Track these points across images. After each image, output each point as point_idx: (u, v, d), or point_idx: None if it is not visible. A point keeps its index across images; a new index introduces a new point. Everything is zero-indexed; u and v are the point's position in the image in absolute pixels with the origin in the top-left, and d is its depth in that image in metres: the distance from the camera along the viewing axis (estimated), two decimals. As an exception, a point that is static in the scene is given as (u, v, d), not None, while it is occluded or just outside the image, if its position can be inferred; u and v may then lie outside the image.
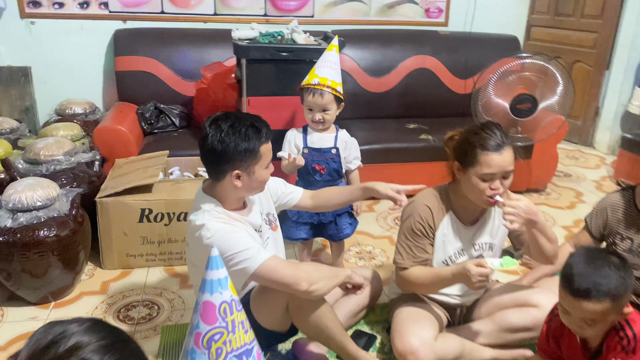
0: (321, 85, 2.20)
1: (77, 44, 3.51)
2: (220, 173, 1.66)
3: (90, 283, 2.46)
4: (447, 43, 3.85)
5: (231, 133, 1.61)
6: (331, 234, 2.43)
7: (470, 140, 1.74)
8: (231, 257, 1.60)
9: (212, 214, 1.66)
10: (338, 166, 2.37)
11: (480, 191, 1.74)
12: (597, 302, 1.37)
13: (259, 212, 1.85)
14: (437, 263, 1.92)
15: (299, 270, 1.61)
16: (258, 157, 1.67)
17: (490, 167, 1.70)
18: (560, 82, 2.87)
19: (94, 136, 2.94)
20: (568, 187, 3.79)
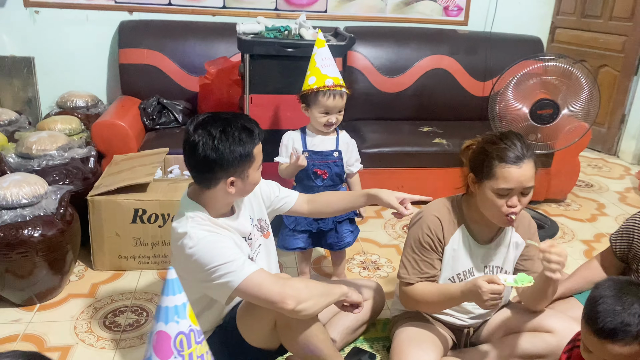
0: (339, 85, 2.07)
1: (82, 34, 3.41)
2: (213, 181, 1.54)
3: (79, 285, 2.35)
4: (466, 43, 3.67)
5: (225, 139, 1.49)
6: (331, 243, 2.28)
7: (486, 150, 1.59)
8: (214, 269, 1.47)
9: (196, 221, 1.54)
10: (340, 170, 2.22)
11: (496, 208, 1.59)
12: (624, 345, 1.22)
13: (248, 218, 1.72)
14: (443, 280, 1.77)
15: (286, 286, 1.47)
16: (252, 160, 1.55)
17: (507, 181, 1.55)
18: (584, 88, 2.68)
19: (92, 131, 2.83)
20: (589, 198, 3.59)
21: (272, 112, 2.54)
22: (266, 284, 1.46)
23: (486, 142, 1.62)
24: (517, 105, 2.74)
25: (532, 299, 1.75)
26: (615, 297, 1.24)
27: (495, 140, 1.59)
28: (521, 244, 1.77)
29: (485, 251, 1.75)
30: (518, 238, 1.77)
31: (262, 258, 1.76)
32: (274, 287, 1.46)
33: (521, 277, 1.57)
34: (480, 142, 1.65)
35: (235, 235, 1.62)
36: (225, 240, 1.53)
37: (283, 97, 2.51)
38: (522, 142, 1.58)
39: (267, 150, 2.49)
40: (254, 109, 2.51)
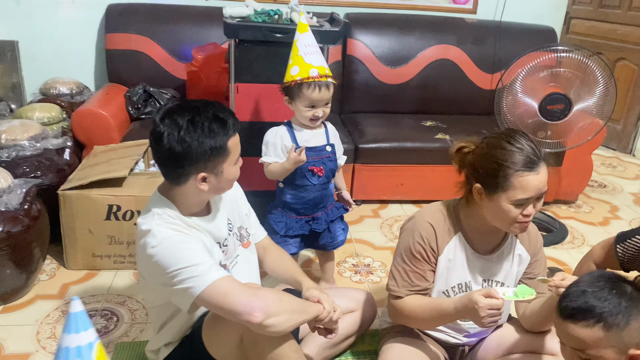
0: (324, 76, 1.87)
1: (68, 18, 3.24)
2: (182, 177, 1.38)
3: (48, 284, 2.20)
4: (474, 32, 3.45)
5: (192, 129, 1.32)
6: (325, 244, 2.12)
7: (497, 158, 1.38)
8: (176, 272, 1.31)
9: (163, 219, 1.38)
10: (334, 165, 2.05)
11: (512, 218, 1.41)
12: (584, 327, 1.14)
13: (225, 222, 1.55)
14: (436, 293, 1.59)
15: (255, 297, 1.29)
16: (226, 154, 1.38)
17: (526, 191, 1.36)
18: (600, 82, 2.46)
19: (72, 120, 2.67)
20: (602, 199, 3.38)
21: (259, 102, 2.36)
22: (232, 293, 1.29)
23: (492, 147, 1.41)
24: (526, 99, 2.53)
25: (537, 323, 1.56)
26: (590, 282, 1.19)
27: (502, 144, 1.39)
28: (525, 258, 1.58)
29: (484, 263, 1.56)
30: (522, 251, 1.58)
31: (241, 270, 1.60)
32: (241, 296, 1.29)
33: (522, 289, 1.41)
34: (483, 147, 1.43)
35: (206, 238, 1.45)
36: (192, 241, 1.37)
37: (272, 87, 2.31)
38: (531, 140, 1.40)
39: (255, 144, 2.37)
40: (240, 99, 2.33)
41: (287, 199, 2.03)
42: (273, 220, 2.03)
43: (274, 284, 2.21)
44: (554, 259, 2.62)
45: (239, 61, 2.28)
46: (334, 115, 3.32)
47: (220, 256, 1.50)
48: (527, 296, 1.42)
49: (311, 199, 2.02)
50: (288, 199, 2.02)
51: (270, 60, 2.29)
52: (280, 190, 2.05)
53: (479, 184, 1.42)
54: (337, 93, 3.35)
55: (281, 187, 2.04)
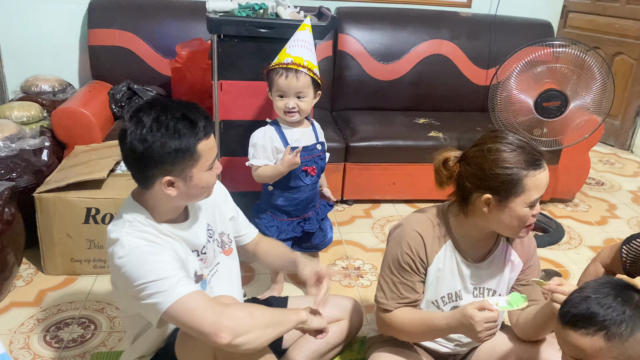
0: (296, 64, 1.78)
1: (50, 13, 3.14)
2: (148, 179, 1.29)
3: (25, 291, 2.11)
4: (469, 27, 3.36)
5: (155, 129, 1.23)
6: (317, 243, 2.08)
7: (503, 164, 1.29)
8: (143, 286, 1.23)
9: (134, 226, 1.29)
10: (324, 163, 2.00)
11: (525, 222, 1.35)
12: (585, 335, 1.07)
13: (204, 229, 1.46)
14: (425, 303, 1.50)
15: (223, 315, 1.21)
16: (195, 158, 1.28)
17: (539, 189, 1.31)
18: (597, 78, 2.38)
19: (52, 119, 2.58)
20: (600, 197, 3.30)
21: (244, 100, 2.26)
22: (199, 311, 1.21)
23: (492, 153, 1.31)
24: (521, 96, 2.45)
25: (530, 331, 1.48)
26: (595, 287, 1.11)
27: (501, 148, 1.30)
28: (518, 265, 1.50)
29: (475, 271, 1.48)
30: (515, 257, 1.49)
31: (222, 278, 1.52)
32: (207, 315, 1.20)
33: (514, 297, 1.33)
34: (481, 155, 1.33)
35: (181, 247, 1.37)
36: (162, 252, 1.28)
37: (257, 84, 2.23)
38: (525, 139, 1.34)
39: (240, 143, 2.29)
40: (224, 97, 2.24)
41: (278, 202, 1.95)
42: (264, 226, 1.96)
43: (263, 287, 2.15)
44: (551, 261, 2.55)
45: (223, 57, 2.19)
46: (325, 113, 3.24)
47: (196, 265, 1.41)
48: (520, 304, 1.34)
49: (303, 199, 1.97)
50: (279, 202, 1.95)
51: (255, 56, 2.20)
52: (269, 193, 1.97)
53: (489, 194, 1.33)
54: (328, 90, 3.27)
55: (270, 190, 1.96)
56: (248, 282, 2.24)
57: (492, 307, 1.29)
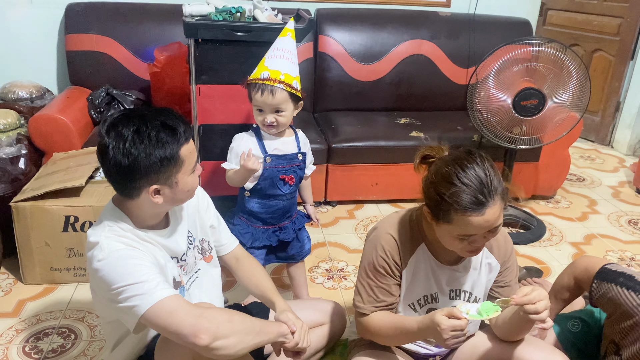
0: (272, 80, 1.76)
1: (26, 18, 3.11)
2: (134, 190, 1.28)
3: (3, 302, 2.09)
4: (448, 26, 3.38)
5: (138, 141, 1.23)
6: (294, 254, 2.03)
7: (440, 190, 1.26)
8: (121, 289, 1.22)
9: (114, 231, 1.29)
10: (302, 173, 1.97)
11: (458, 249, 1.34)
12: None
13: (185, 235, 1.46)
14: (402, 306, 1.51)
15: (203, 318, 1.20)
16: (179, 164, 1.29)
17: (468, 229, 1.26)
18: (573, 76, 2.40)
19: (30, 126, 2.55)
20: (580, 193, 3.34)
21: (223, 104, 2.25)
22: (179, 313, 1.20)
23: (439, 176, 1.28)
24: (499, 95, 2.47)
25: (508, 333, 1.49)
26: None
27: (450, 177, 1.25)
28: (495, 267, 1.50)
29: (450, 273, 1.48)
30: (492, 259, 1.50)
31: (202, 285, 1.51)
32: (187, 317, 1.20)
33: (486, 306, 1.30)
34: (434, 170, 1.31)
35: (160, 252, 1.36)
36: (141, 256, 1.28)
37: (235, 88, 2.19)
38: (486, 173, 1.25)
39: (219, 147, 2.28)
40: (203, 101, 2.23)
41: (253, 209, 1.93)
42: (238, 232, 1.93)
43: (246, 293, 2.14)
44: (532, 258, 2.57)
45: (200, 62, 2.18)
46: (307, 114, 3.24)
47: (175, 272, 1.41)
48: (492, 314, 1.31)
49: (280, 208, 1.93)
50: (255, 209, 1.93)
51: (233, 60, 2.19)
52: (245, 199, 1.94)
53: (427, 207, 1.34)
54: (310, 91, 3.27)
55: (247, 195, 1.93)
56: (230, 287, 2.23)
57: (461, 316, 1.28)
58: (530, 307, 1.25)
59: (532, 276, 2.38)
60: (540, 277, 2.38)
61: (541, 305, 1.25)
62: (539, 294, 1.26)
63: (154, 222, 1.38)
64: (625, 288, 1.48)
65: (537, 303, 1.25)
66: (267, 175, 1.86)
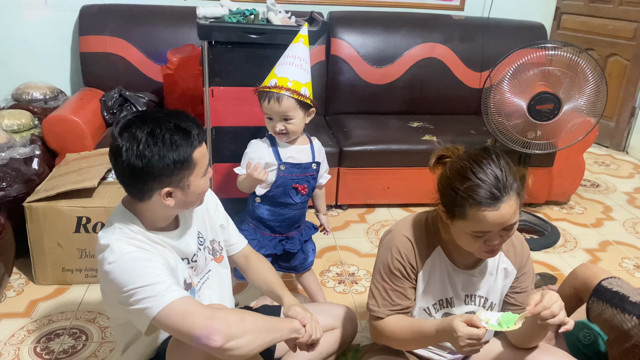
0: (278, 87, 1.74)
1: (41, 20, 3.13)
2: (146, 192, 1.28)
3: (15, 302, 2.09)
4: (462, 30, 3.35)
5: (152, 143, 1.23)
6: (297, 265, 2.00)
7: (455, 185, 1.25)
8: (133, 291, 1.22)
9: (124, 233, 1.29)
10: (315, 183, 1.94)
11: (474, 247, 1.31)
12: None
13: (195, 236, 1.46)
14: (417, 311, 1.49)
15: (215, 319, 1.20)
16: (192, 166, 1.29)
17: (482, 225, 1.24)
18: (590, 80, 2.37)
19: (43, 127, 2.57)
20: (595, 199, 3.29)
21: (236, 106, 2.25)
22: (190, 314, 1.19)
23: (454, 171, 1.28)
24: (514, 99, 2.44)
25: (524, 339, 1.46)
26: None
27: (465, 172, 1.25)
28: (512, 272, 1.48)
29: (466, 278, 1.46)
30: (508, 264, 1.48)
31: (213, 286, 1.51)
32: (198, 318, 1.19)
33: (506, 318, 1.27)
34: (451, 167, 1.31)
35: (170, 254, 1.36)
36: (152, 258, 1.28)
37: (248, 90, 2.18)
38: (503, 168, 1.24)
39: (232, 150, 2.27)
40: (216, 103, 2.22)
41: (263, 215, 1.91)
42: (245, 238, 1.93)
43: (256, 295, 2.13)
44: (546, 264, 2.54)
45: (214, 64, 2.18)
46: (319, 117, 3.22)
47: (185, 273, 1.40)
48: (511, 326, 1.27)
49: (290, 217, 1.91)
50: (265, 215, 1.90)
51: (246, 62, 2.19)
52: (255, 205, 1.92)
53: (442, 206, 1.32)
54: (322, 94, 3.26)
55: (258, 202, 1.91)
56: (241, 290, 2.22)
57: (480, 324, 1.26)
58: (546, 312, 1.23)
59: (547, 282, 2.35)
60: (554, 284, 2.35)
61: (556, 307, 1.23)
62: (550, 297, 1.24)
63: (164, 224, 1.38)
64: (619, 310, 1.47)
65: (552, 306, 1.23)
66: (280, 183, 1.85)
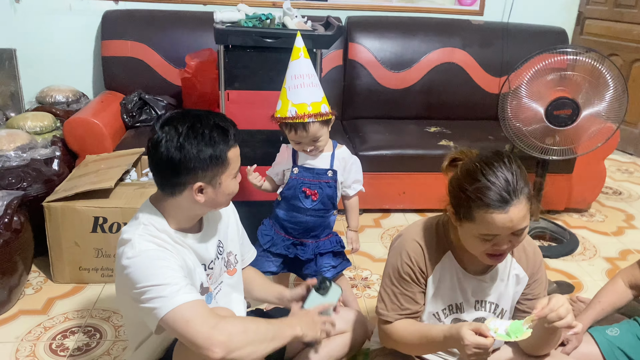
0: (300, 116, 1.72)
1: (65, 25, 3.20)
2: (178, 187, 1.32)
3: (34, 299, 2.14)
4: (481, 34, 3.33)
5: (192, 136, 1.28)
6: (307, 274, 1.96)
7: (464, 187, 1.25)
8: (145, 289, 1.24)
9: (148, 230, 1.32)
10: (333, 192, 1.88)
11: (480, 251, 1.30)
12: None
13: (215, 244, 1.48)
14: (426, 315, 1.48)
15: (217, 330, 1.20)
16: (226, 165, 1.32)
17: (490, 228, 1.23)
18: (610, 86, 2.33)
19: (64, 129, 2.63)
20: (617, 207, 3.22)
21: (251, 109, 2.26)
22: (195, 322, 1.20)
23: (465, 173, 1.27)
24: (532, 104, 2.41)
25: (536, 347, 1.44)
26: None
27: (475, 174, 1.24)
28: (523, 278, 1.46)
29: (477, 283, 1.45)
30: (519, 270, 1.45)
31: (224, 298, 1.53)
32: (202, 327, 1.20)
33: (515, 327, 1.24)
34: (462, 168, 1.30)
35: (190, 256, 1.38)
36: (170, 259, 1.29)
37: (263, 94, 2.24)
38: (514, 172, 1.23)
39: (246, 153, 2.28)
40: (231, 107, 2.25)
41: (279, 214, 1.92)
42: (261, 232, 1.94)
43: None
44: (564, 272, 2.49)
45: (229, 67, 2.20)
46: (335, 122, 3.21)
47: (203, 277, 1.42)
48: (520, 335, 1.26)
49: (302, 222, 1.89)
50: (280, 215, 1.92)
51: (262, 66, 2.21)
52: (276, 203, 1.95)
53: (451, 206, 1.31)
54: (339, 98, 3.27)
55: (279, 200, 1.93)
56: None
57: (488, 333, 1.24)
58: (552, 315, 1.21)
59: (564, 291, 2.31)
60: (571, 292, 2.30)
61: (563, 310, 1.21)
62: (557, 300, 1.22)
63: (188, 225, 1.40)
64: None
65: (559, 309, 1.21)
66: (291, 184, 1.86)
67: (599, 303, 1.74)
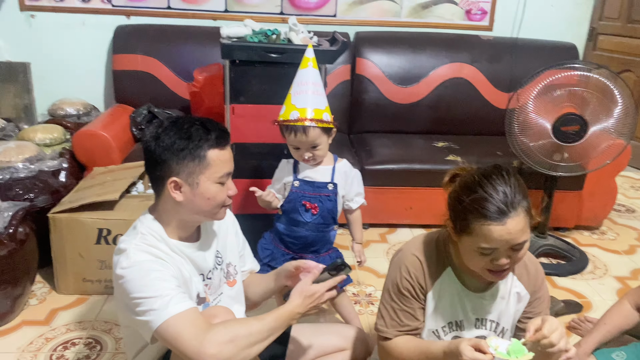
0: (301, 120, 1.74)
1: (78, 40, 3.27)
2: (158, 182, 1.33)
3: (37, 310, 2.15)
4: (490, 50, 3.32)
5: (170, 129, 1.30)
6: None
7: (462, 199, 1.24)
8: (139, 301, 1.23)
9: (145, 239, 1.32)
10: (333, 206, 1.88)
11: (480, 266, 1.28)
12: None
13: (213, 253, 1.47)
14: (426, 333, 1.46)
15: (206, 342, 1.19)
16: (204, 164, 1.30)
17: (488, 240, 1.21)
18: (618, 103, 2.30)
19: (73, 141, 2.66)
20: (629, 225, 3.16)
21: (256, 124, 2.28)
22: (185, 335, 1.19)
23: (462, 186, 1.27)
24: (539, 120, 2.39)
25: None
26: None
27: (473, 186, 1.23)
28: (525, 296, 1.43)
29: (477, 301, 1.42)
30: (520, 288, 1.43)
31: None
32: (192, 340, 1.19)
33: (515, 347, 1.22)
34: (461, 181, 1.30)
35: (187, 266, 1.37)
36: (164, 270, 1.28)
37: (268, 108, 2.24)
38: (511, 186, 1.21)
39: (251, 166, 2.30)
40: (236, 120, 2.26)
41: (279, 228, 1.92)
42: (261, 245, 1.94)
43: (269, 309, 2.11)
44: (572, 291, 2.44)
45: (235, 82, 2.22)
46: (342, 136, 3.23)
47: (200, 288, 1.41)
48: (520, 356, 1.21)
49: (302, 236, 1.88)
50: (280, 229, 1.92)
51: (267, 80, 2.22)
52: (276, 217, 1.95)
53: (450, 221, 1.29)
54: (346, 113, 3.27)
55: (279, 214, 1.93)
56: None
57: (488, 350, 1.21)
58: (545, 341, 1.18)
59: (572, 311, 2.26)
60: (580, 312, 2.26)
61: (555, 336, 1.18)
62: (551, 325, 1.19)
63: (185, 234, 1.39)
64: None
65: (551, 335, 1.18)
66: (291, 198, 1.86)
67: (605, 325, 1.70)
